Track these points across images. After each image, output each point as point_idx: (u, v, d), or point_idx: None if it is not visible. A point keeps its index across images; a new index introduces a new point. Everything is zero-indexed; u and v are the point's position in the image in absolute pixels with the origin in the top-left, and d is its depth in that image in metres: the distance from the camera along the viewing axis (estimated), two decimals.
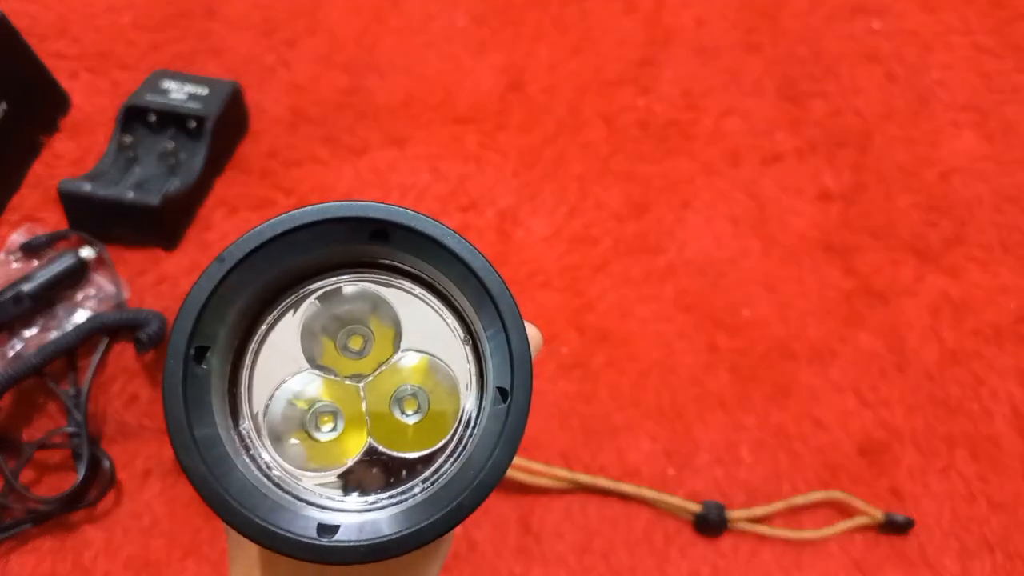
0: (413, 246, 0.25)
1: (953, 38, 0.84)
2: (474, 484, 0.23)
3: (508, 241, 0.68)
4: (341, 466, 0.26)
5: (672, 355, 0.63)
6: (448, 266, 0.25)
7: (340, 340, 0.27)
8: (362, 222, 0.24)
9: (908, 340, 0.65)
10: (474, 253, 0.24)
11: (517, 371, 0.24)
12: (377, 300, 0.26)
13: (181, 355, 0.23)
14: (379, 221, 0.24)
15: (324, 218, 0.24)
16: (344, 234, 0.24)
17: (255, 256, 0.23)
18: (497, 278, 0.24)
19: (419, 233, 0.24)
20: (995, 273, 0.69)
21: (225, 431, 0.24)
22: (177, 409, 0.23)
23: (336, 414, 0.26)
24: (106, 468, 0.55)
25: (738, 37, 0.83)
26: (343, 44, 0.80)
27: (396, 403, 0.27)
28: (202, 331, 0.23)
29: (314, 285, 0.26)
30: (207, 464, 0.23)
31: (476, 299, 0.25)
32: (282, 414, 0.26)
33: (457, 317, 0.27)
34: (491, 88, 0.78)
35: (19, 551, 0.53)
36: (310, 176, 0.71)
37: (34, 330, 0.59)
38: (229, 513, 0.23)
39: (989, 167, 0.75)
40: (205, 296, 0.23)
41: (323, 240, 0.24)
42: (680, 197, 0.72)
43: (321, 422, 0.26)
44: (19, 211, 0.66)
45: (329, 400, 0.26)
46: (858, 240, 0.70)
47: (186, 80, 0.70)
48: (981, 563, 0.56)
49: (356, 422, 0.26)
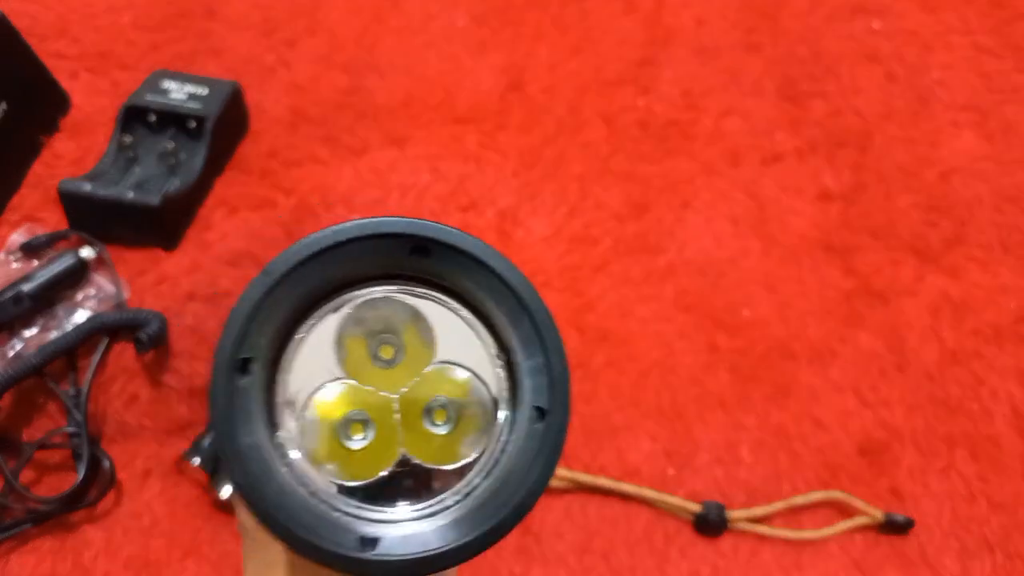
0: (453, 262, 0.25)
1: (953, 38, 0.84)
2: (516, 500, 0.24)
3: (508, 241, 0.68)
4: (374, 476, 0.26)
5: (672, 355, 0.63)
6: (487, 284, 0.25)
7: (374, 349, 0.27)
8: (405, 238, 0.25)
9: (908, 340, 0.65)
10: (515, 272, 0.25)
11: (557, 391, 0.25)
12: (412, 311, 0.27)
13: (226, 366, 0.23)
14: (422, 238, 0.25)
15: (370, 233, 0.24)
16: (387, 248, 0.25)
17: (299, 269, 0.24)
18: (537, 298, 0.25)
19: (460, 250, 0.25)
20: (995, 273, 0.69)
21: (266, 441, 0.25)
22: (224, 421, 0.23)
23: (367, 423, 0.27)
24: (106, 468, 0.55)
25: (738, 37, 0.83)
26: (343, 44, 0.80)
27: (427, 414, 0.27)
28: (246, 342, 0.24)
29: (351, 295, 0.26)
30: (253, 475, 0.23)
31: (514, 317, 0.25)
32: (316, 423, 0.26)
33: (492, 332, 0.27)
34: (491, 88, 0.78)
35: (19, 551, 0.53)
36: (310, 176, 0.71)
37: (34, 330, 0.59)
38: (277, 525, 0.23)
39: (989, 167, 0.75)
40: (250, 308, 0.23)
41: (365, 253, 0.25)
42: (680, 197, 0.72)
43: (352, 431, 0.26)
44: (19, 211, 0.66)
45: (361, 409, 0.27)
46: (858, 240, 0.70)
47: (186, 80, 0.70)
48: (981, 563, 0.56)
49: (388, 432, 0.27)
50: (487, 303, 0.26)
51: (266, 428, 0.25)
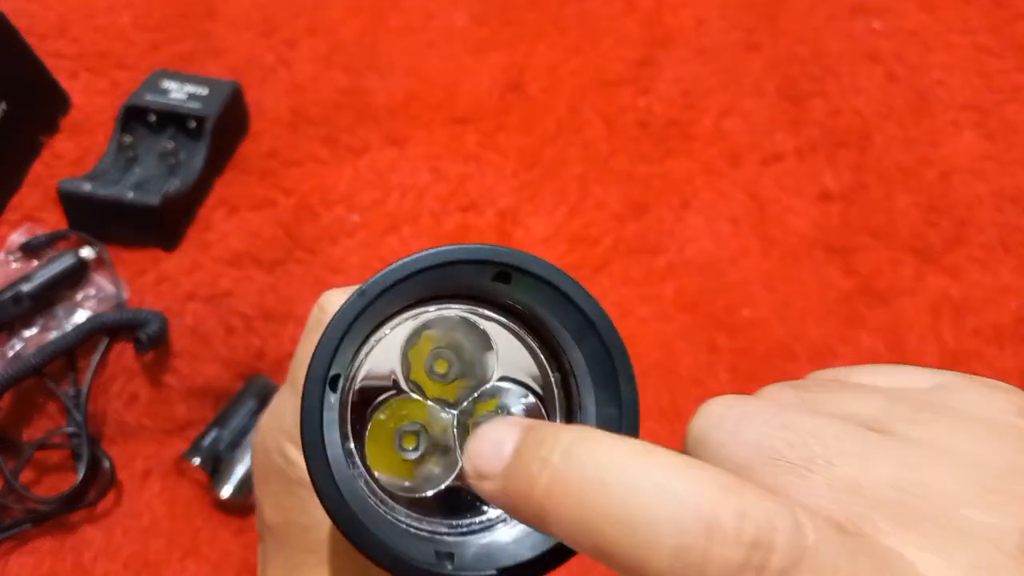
0: (528, 289, 0.25)
1: (953, 38, 0.84)
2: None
3: (508, 241, 0.68)
4: (433, 487, 0.27)
5: (672, 355, 0.63)
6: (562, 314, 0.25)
7: (434, 364, 0.27)
8: (493, 264, 0.25)
9: (908, 340, 0.65)
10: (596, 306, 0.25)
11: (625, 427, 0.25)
12: (474, 329, 0.27)
13: (320, 383, 0.24)
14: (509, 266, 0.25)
15: (464, 259, 0.25)
16: (471, 274, 0.25)
17: (390, 290, 0.24)
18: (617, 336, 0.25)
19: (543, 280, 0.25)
20: (995, 273, 0.69)
21: (343, 453, 0.25)
22: (316, 436, 0.23)
23: (419, 434, 0.27)
24: (106, 468, 0.55)
25: (738, 37, 0.83)
26: (343, 44, 0.80)
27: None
28: (338, 359, 0.24)
29: (420, 310, 0.27)
30: (339, 488, 0.23)
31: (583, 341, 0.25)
32: (378, 434, 0.27)
33: (550, 353, 0.27)
34: (491, 88, 0.78)
35: (19, 551, 0.53)
36: (310, 176, 0.71)
37: (34, 330, 0.59)
38: (363, 538, 0.23)
39: (989, 167, 0.75)
40: (346, 326, 0.24)
41: (449, 277, 0.25)
42: (680, 197, 0.72)
43: (406, 442, 0.27)
44: (19, 211, 0.66)
45: (416, 421, 0.27)
46: (858, 240, 0.70)
47: (186, 80, 0.70)
48: None
49: (444, 444, 0.27)
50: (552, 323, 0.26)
51: (341, 441, 0.26)
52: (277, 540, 0.30)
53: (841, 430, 0.17)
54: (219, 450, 0.56)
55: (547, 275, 0.25)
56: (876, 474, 0.16)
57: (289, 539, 0.29)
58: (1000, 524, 0.15)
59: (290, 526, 0.29)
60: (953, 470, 0.16)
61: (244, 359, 0.61)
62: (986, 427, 0.17)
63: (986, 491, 0.16)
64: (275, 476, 0.30)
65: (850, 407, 0.19)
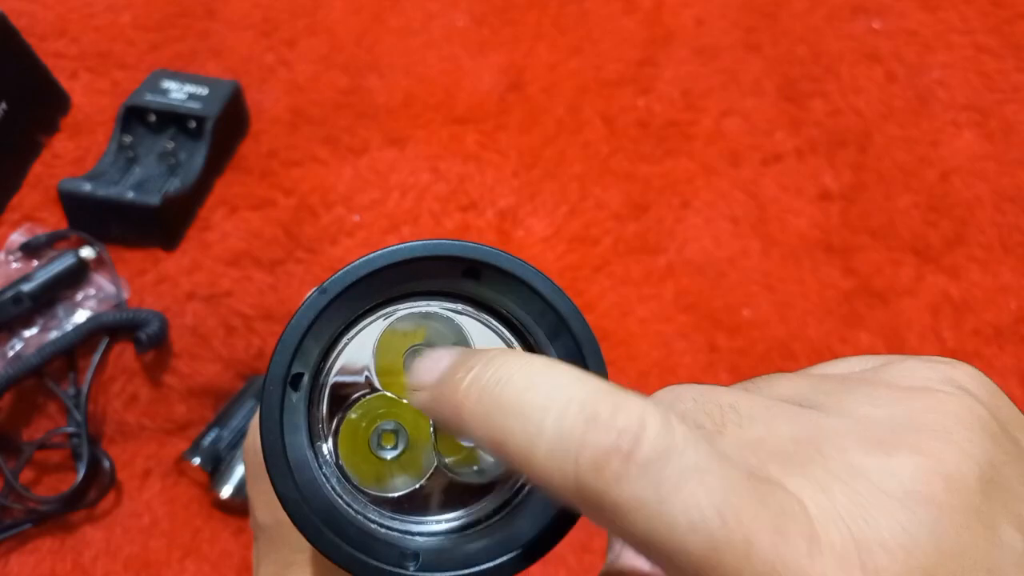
0: (503, 287, 0.25)
1: (953, 38, 0.84)
2: (553, 515, 0.23)
3: (508, 241, 0.68)
4: (408, 487, 0.26)
5: (672, 355, 0.63)
6: (537, 312, 0.25)
7: (406, 360, 0.27)
8: (459, 261, 0.25)
9: (908, 340, 0.65)
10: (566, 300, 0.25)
11: None
12: (451, 325, 0.27)
13: (281, 383, 0.24)
14: (475, 262, 0.25)
15: (426, 255, 0.24)
16: (438, 270, 0.25)
17: (354, 287, 0.24)
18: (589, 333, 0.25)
19: (512, 276, 0.25)
20: (995, 273, 0.69)
21: (310, 454, 0.25)
22: (275, 436, 0.23)
23: (398, 433, 0.27)
24: (106, 468, 0.55)
25: (738, 37, 0.83)
26: (343, 44, 0.80)
27: None
28: (298, 359, 0.24)
29: (393, 308, 0.27)
30: (300, 489, 0.23)
31: (556, 338, 0.25)
32: (351, 434, 0.26)
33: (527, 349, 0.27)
34: (491, 88, 0.78)
35: (19, 551, 0.54)
36: (310, 176, 0.71)
37: (34, 330, 0.59)
38: (322, 540, 0.23)
39: (989, 167, 0.75)
40: (307, 325, 0.24)
41: (417, 274, 0.25)
42: (680, 197, 0.72)
43: (384, 441, 0.27)
44: (19, 211, 0.66)
45: (394, 419, 0.27)
46: (858, 240, 0.70)
47: (186, 80, 0.70)
48: None
49: (422, 443, 0.27)
50: (525, 319, 0.26)
51: (308, 441, 0.25)
52: (269, 539, 0.30)
53: (759, 402, 0.19)
54: (219, 450, 0.56)
55: (516, 271, 0.25)
56: (779, 432, 0.18)
57: (281, 538, 0.29)
58: (883, 468, 0.16)
59: (282, 526, 0.29)
60: (850, 426, 0.17)
61: (244, 359, 0.61)
62: (902, 392, 0.18)
63: (877, 441, 0.17)
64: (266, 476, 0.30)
65: (782, 389, 0.21)
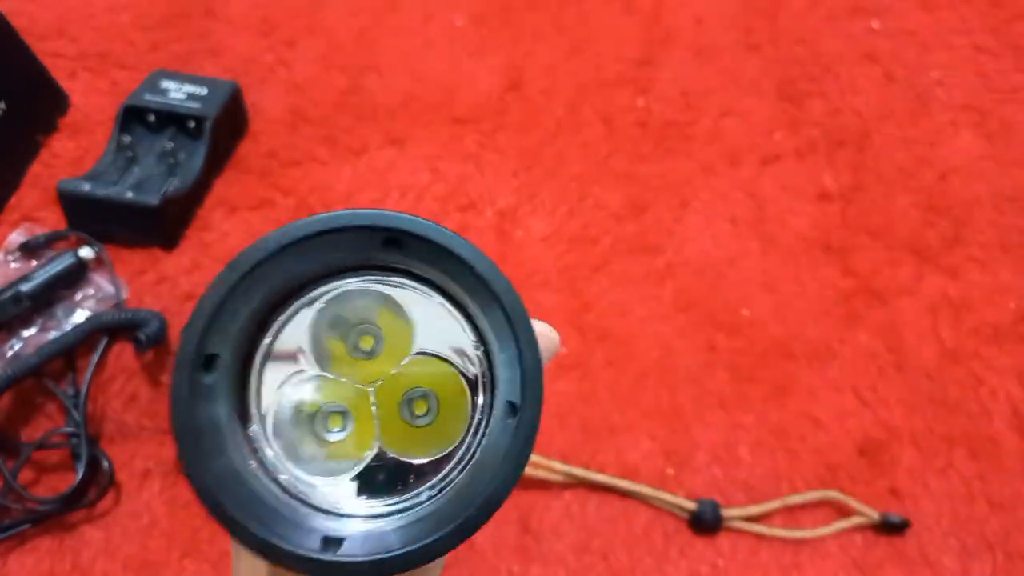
0: (426, 254, 0.24)
1: (952, 38, 0.84)
2: (481, 500, 0.23)
3: (507, 241, 0.68)
4: (349, 470, 0.26)
5: (671, 355, 0.63)
6: (460, 275, 0.24)
7: (351, 340, 0.26)
8: (372, 230, 0.24)
9: (907, 340, 0.65)
10: (486, 262, 0.24)
11: (528, 388, 0.24)
12: (389, 302, 0.26)
13: (189, 365, 0.23)
14: (389, 229, 0.24)
15: (333, 227, 0.23)
16: (356, 242, 0.24)
17: (265, 264, 0.23)
18: (510, 289, 0.24)
19: (431, 241, 0.24)
20: (994, 273, 0.69)
21: (233, 437, 0.24)
22: (184, 418, 0.23)
23: (345, 415, 0.26)
24: (105, 468, 0.55)
25: (737, 37, 0.83)
26: (343, 44, 0.80)
27: (406, 405, 0.26)
28: (211, 339, 0.23)
29: (325, 287, 0.26)
30: (213, 473, 0.23)
31: (488, 310, 0.25)
32: (291, 416, 0.26)
33: (470, 323, 0.26)
34: (490, 88, 0.78)
35: (18, 551, 0.53)
36: (309, 176, 0.71)
37: (33, 330, 0.59)
38: (233, 525, 0.22)
39: (988, 167, 0.75)
40: (214, 306, 0.23)
41: (335, 247, 0.24)
42: (679, 197, 0.72)
43: (331, 423, 0.26)
44: (18, 211, 0.66)
45: (337, 401, 0.26)
46: (857, 240, 0.70)
47: (185, 80, 0.70)
48: (981, 563, 0.56)
49: (365, 424, 0.26)
50: (461, 294, 0.26)
51: (235, 423, 0.25)
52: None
53: None
54: None
55: (437, 238, 0.24)
56: None
57: None
58: None
59: None
60: None
61: None
62: None
63: None
64: None
65: None
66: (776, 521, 0.57)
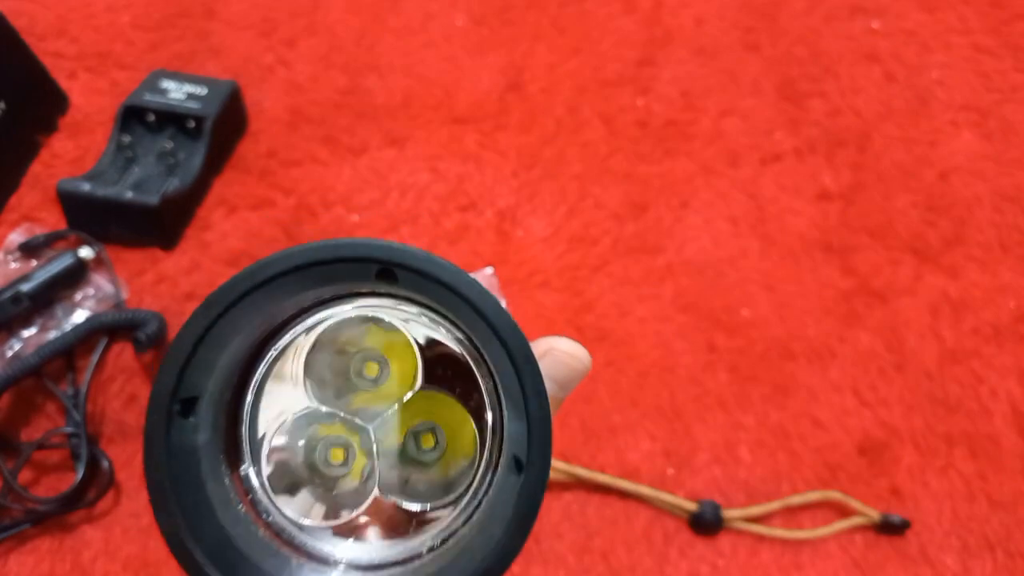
0: (424, 289, 0.21)
1: (952, 38, 0.84)
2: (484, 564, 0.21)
3: (507, 241, 0.68)
4: (347, 508, 0.24)
5: (671, 355, 0.63)
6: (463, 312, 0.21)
7: (354, 368, 0.24)
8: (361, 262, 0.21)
9: (907, 339, 0.65)
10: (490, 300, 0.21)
11: (535, 444, 0.21)
12: (392, 333, 0.24)
13: (164, 411, 0.21)
14: (379, 261, 0.21)
15: (313, 261, 0.21)
16: (345, 273, 0.21)
17: (246, 299, 0.21)
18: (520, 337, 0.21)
19: (429, 277, 0.21)
20: (994, 272, 0.69)
21: (215, 479, 0.22)
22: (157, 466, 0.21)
23: (347, 449, 0.24)
24: (105, 468, 0.55)
25: (737, 37, 0.83)
26: (343, 44, 0.80)
27: (412, 438, 0.24)
28: (189, 382, 0.21)
29: (322, 315, 0.23)
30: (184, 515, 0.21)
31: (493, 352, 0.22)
32: (285, 455, 0.24)
33: (478, 358, 0.24)
34: (490, 88, 0.78)
35: (18, 551, 0.53)
36: (309, 176, 0.71)
37: (33, 330, 0.59)
38: (195, 570, 0.21)
39: (988, 167, 0.75)
40: (190, 347, 0.21)
41: (322, 279, 0.21)
42: (679, 197, 0.72)
43: (332, 457, 0.24)
44: (18, 211, 0.66)
45: (337, 436, 0.24)
46: (857, 240, 0.70)
47: (185, 80, 0.70)
48: (982, 562, 0.56)
49: (366, 460, 0.24)
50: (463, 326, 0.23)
51: (221, 465, 0.22)
52: None
53: None
54: None
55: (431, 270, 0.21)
56: None
57: None
58: None
59: None
60: None
61: None
62: None
63: None
64: None
65: None
66: (776, 521, 0.57)
